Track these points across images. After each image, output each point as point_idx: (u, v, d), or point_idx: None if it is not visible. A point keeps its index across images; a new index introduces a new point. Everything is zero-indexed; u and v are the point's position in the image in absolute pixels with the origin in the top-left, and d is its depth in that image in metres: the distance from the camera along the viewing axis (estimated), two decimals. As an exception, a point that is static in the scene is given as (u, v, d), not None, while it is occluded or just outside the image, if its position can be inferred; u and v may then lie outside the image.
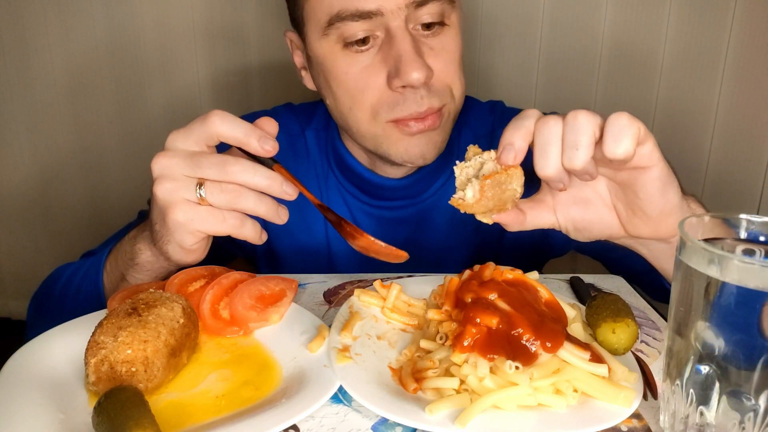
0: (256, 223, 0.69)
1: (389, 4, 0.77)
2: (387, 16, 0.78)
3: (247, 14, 1.63)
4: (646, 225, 0.65)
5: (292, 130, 1.02)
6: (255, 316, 0.66)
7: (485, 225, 0.64)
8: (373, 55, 0.81)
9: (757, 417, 0.45)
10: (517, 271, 0.64)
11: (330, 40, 0.82)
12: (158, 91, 1.71)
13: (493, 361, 0.54)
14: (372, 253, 0.67)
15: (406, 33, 0.79)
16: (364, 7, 0.77)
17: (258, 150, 0.65)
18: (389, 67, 0.80)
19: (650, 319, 0.74)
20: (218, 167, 0.64)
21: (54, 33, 1.66)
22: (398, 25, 0.79)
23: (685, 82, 1.53)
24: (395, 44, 0.79)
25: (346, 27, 0.79)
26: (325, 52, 0.84)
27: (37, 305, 0.90)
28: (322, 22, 0.81)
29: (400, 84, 0.80)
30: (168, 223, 0.66)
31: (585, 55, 1.56)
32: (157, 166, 0.66)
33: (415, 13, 0.80)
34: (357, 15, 0.78)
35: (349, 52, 0.81)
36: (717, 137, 1.56)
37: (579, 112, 0.58)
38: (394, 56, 0.79)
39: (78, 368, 0.57)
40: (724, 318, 0.45)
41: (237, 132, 0.65)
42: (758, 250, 0.51)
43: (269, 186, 0.65)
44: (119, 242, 0.82)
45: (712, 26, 1.48)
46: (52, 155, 1.78)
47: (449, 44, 0.84)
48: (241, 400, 0.56)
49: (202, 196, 0.65)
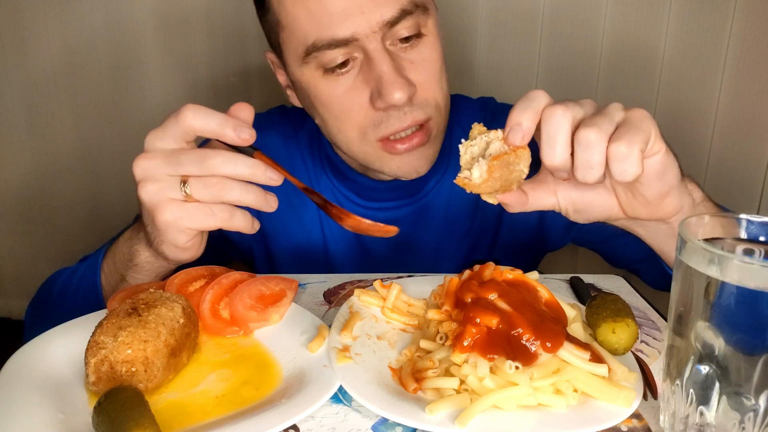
0: (246, 213, 0.68)
1: (363, 29, 0.77)
2: (362, 40, 0.77)
3: (247, 14, 1.63)
4: (645, 207, 0.65)
5: (286, 133, 1.02)
6: (255, 316, 0.66)
7: (479, 221, 0.64)
8: (354, 77, 0.81)
9: (757, 417, 0.45)
10: (517, 271, 0.64)
11: (310, 67, 0.82)
12: (158, 91, 1.71)
13: (493, 361, 0.54)
14: (361, 231, 0.67)
15: (384, 54, 0.78)
16: (338, 35, 0.77)
17: (235, 140, 0.64)
18: (371, 88, 0.80)
19: (650, 319, 0.74)
20: (198, 162, 0.64)
21: (53, 32, 1.66)
22: (375, 47, 0.78)
23: (685, 82, 1.53)
24: (374, 66, 0.78)
25: (323, 55, 0.79)
26: (306, 79, 0.83)
27: (34, 309, 0.90)
28: (299, 52, 0.81)
29: (383, 105, 0.80)
30: (158, 224, 0.66)
31: (585, 55, 1.56)
32: (138, 169, 0.65)
33: (390, 32, 0.79)
34: (333, 44, 0.77)
35: (330, 76, 0.81)
36: (717, 137, 1.56)
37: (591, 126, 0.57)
38: (375, 77, 0.79)
39: (78, 368, 0.57)
40: (724, 318, 0.45)
41: (211, 124, 0.64)
42: (758, 250, 0.51)
43: (252, 174, 0.65)
44: (115, 243, 0.81)
45: (712, 26, 1.48)
46: (52, 155, 1.78)
47: (429, 54, 0.83)
48: (241, 400, 0.56)
49: (187, 193, 0.65)
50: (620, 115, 0.59)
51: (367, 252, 1.01)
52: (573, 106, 0.59)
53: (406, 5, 0.78)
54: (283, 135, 1.02)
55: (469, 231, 1.00)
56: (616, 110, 0.59)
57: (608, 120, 0.58)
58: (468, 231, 1.00)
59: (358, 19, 0.76)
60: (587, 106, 0.60)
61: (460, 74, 1.53)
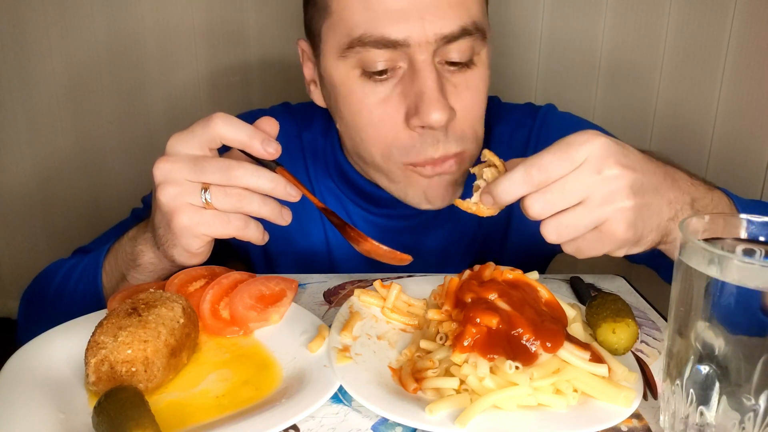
0: (259, 224, 0.69)
1: (418, 35, 0.71)
2: (413, 47, 0.72)
3: (247, 13, 1.63)
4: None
5: (289, 131, 0.98)
6: (255, 316, 0.66)
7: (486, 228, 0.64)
8: (392, 87, 0.75)
9: (757, 417, 0.45)
10: (517, 271, 0.64)
11: (347, 64, 0.76)
12: (158, 91, 1.71)
13: (493, 361, 0.54)
14: (376, 256, 0.67)
15: (431, 68, 0.73)
16: (391, 35, 0.71)
17: (261, 153, 0.65)
18: (409, 103, 0.74)
19: (650, 319, 0.74)
20: (222, 172, 0.64)
21: (54, 31, 1.66)
22: (424, 59, 0.72)
23: (685, 82, 1.53)
24: (418, 79, 0.73)
25: (367, 53, 0.73)
26: (341, 76, 0.78)
27: (30, 303, 0.89)
28: (341, 44, 0.75)
29: (419, 124, 0.74)
30: (174, 227, 0.66)
31: (585, 56, 1.56)
32: (159, 171, 0.65)
33: (443, 48, 0.73)
34: (381, 42, 0.72)
35: (367, 80, 0.75)
36: (717, 137, 1.56)
37: (565, 228, 0.59)
38: (416, 92, 0.73)
39: (78, 368, 0.57)
40: (724, 318, 0.45)
41: (240, 135, 0.64)
42: (758, 250, 0.51)
43: (273, 188, 0.65)
44: (118, 242, 0.81)
45: (712, 26, 1.48)
46: (53, 156, 1.78)
47: (475, 83, 0.78)
48: (241, 400, 0.56)
49: (207, 200, 0.65)
50: (598, 222, 0.59)
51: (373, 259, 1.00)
52: (551, 205, 0.58)
53: (468, 24, 0.74)
54: (284, 133, 0.99)
55: (476, 238, 0.98)
56: (598, 217, 0.59)
57: (586, 220, 0.59)
58: (474, 238, 0.98)
59: (416, 24, 0.71)
60: (571, 198, 0.58)
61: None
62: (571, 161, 0.57)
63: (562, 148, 0.57)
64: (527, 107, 1.01)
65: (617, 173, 0.57)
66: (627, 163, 0.58)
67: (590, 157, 0.57)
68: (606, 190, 0.57)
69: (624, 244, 0.61)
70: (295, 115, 1.01)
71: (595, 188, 0.57)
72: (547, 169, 0.57)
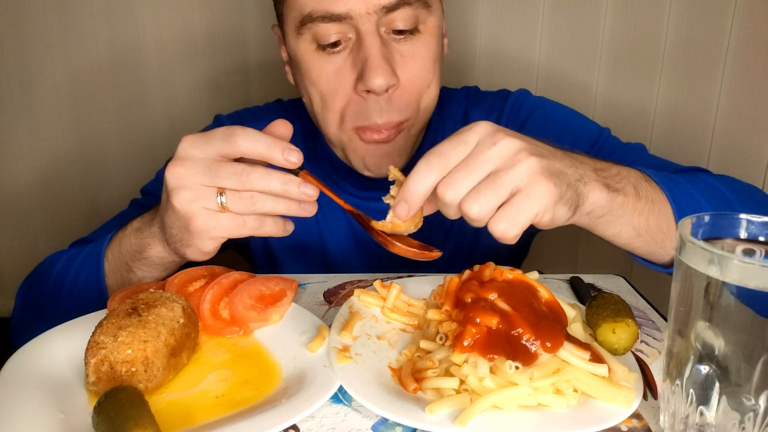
0: (277, 219, 0.69)
1: (358, 7, 0.78)
2: (357, 19, 0.78)
3: (247, 14, 1.63)
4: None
5: None
6: (255, 316, 0.66)
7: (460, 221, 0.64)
8: (344, 58, 0.82)
9: (757, 417, 0.45)
10: (517, 271, 0.64)
11: (304, 40, 0.83)
12: (158, 91, 1.71)
13: (493, 361, 0.54)
14: (409, 256, 0.67)
15: (375, 36, 0.79)
16: (334, 10, 0.78)
17: (283, 163, 0.65)
18: (357, 70, 0.81)
19: (650, 319, 0.75)
20: (237, 177, 0.64)
21: (54, 32, 1.66)
22: (368, 29, 0.79)
23: (685, 82, 1.53)
24: (363, 47, 0.79)
25: (318, 28, 0.80)
26: (300, 52, 0.84)
27: (28, 292, 0.88)
28: (296, 21, 0.82)
29: (363, 88, 0.80)
30: (192, 230, 0.66)
31: (585, 54, 1.56)
32: (172, 176, 0.65)
33: (386, 18, 0.79)
34: (327, 17, 0.79)
35: (322, 53, 0.82)
36: (717, 137, 1.56)
37: (473, 204, 0.58)
38: (362, 59, 0.79)
39: (78, 368, 0.57)
40: (724, 318, 0.45)
41: (260, 148, 0.64)
42: (758, 250, 0.51)
43: (286, 190, 0.65)
44: (121, 231, 0.80)
45: (712, 25, 1.48)
46: (53, 156, 1.78)
47: (421, 51, 0.83)
48: (241, 400, 0.56)
49: (223, 204, 0.65)
50: (512, 187, 0.58)
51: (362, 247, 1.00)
52: (461, 182, 0.58)
53: None
54: None
55: (453, 226, 1.00)
56: (510, 181, 0.58)
57: (502, 187, 0.58)
58: (451, 227, 1.00)
59: None
60: (477, 172, 0.59)
61: (460, 63, 1.53)
62: (465, 143, 0.59)
63: (455, 136, 0.60)
64: (500, 93, 1.06)
65: (511, 141, 0.59)
66: (517, 135, 0.61)
67: (482, 137, 0.59)
68: (507, 154, 0.58)
69: (547, 195, 0.59)
70: (287, 110, 1.07)
71: (495, 157, 0.58)
72: (445, 153, 0.59)
